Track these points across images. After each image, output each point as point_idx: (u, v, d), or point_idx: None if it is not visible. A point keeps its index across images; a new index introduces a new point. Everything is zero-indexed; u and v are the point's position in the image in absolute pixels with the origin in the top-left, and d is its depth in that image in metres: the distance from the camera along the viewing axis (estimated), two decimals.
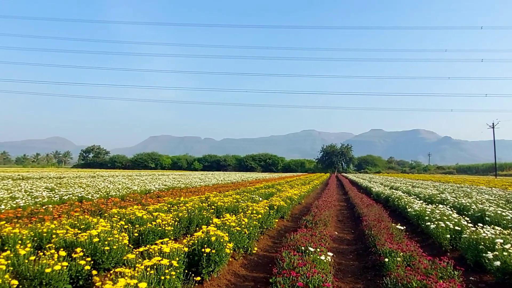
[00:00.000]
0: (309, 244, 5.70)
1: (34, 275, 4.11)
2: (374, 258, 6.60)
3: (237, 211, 10.34)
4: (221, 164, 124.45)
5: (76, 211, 9.33)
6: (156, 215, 7.63)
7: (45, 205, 10.49)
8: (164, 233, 6.82)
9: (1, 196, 11.52)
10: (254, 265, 6.46)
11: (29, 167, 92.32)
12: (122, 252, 5.34)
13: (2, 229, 5.85)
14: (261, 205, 10.18)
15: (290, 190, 18.71)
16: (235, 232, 6.33)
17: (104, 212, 9.60)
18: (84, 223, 6.75)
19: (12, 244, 5.49)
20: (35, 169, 70.74)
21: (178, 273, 4.23)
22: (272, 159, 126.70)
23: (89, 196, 13.13)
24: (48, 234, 6.01)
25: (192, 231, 8.46)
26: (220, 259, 5.16)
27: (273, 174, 77.31)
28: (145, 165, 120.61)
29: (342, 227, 11.26)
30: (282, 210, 11.62)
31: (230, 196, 13.34)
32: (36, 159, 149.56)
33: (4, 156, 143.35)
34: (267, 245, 8.15)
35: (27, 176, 30.22)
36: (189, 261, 5.05)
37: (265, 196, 15.43)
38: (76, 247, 4.99)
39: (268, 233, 9.38)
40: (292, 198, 14.52)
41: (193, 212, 8.79)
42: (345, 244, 8.73)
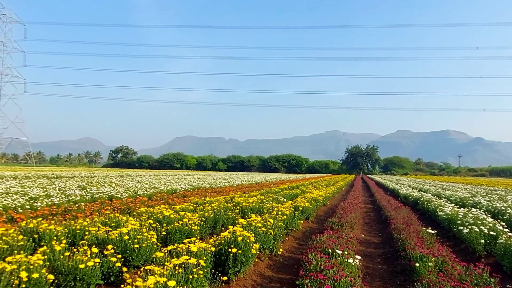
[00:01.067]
0: (336, 247, 5.61)
1: (69, 271, 4.27)
2: (404, 263, 6.41)
3: (262, 212, 10.34)
4: (245, 165, 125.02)
5: (106, 209, 9.66)
6: (182, 214, 7.76)
7: (77, 203, 10.92)
8: (191, 233, 6.92)
9: (38, 194, 12.10)
10: (280, 266, 6.43)
11: (62, 167, 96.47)
12: (151, 250, 5.46)
13: (39, 225, 6.14)
14: (286, 206, 10.13)
15: (314, 191, 18.52)
16: (260, 233, 6.33)
17: (133, 210, 9.87)
18: (115, 221, 6.97)
19: (48, 240, 5.75)
20: (68, 168, 73.85)
21: (205, 273, 4.27)
22: (296, 160, 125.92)
23: (118, 195, 13.54)
24: (81, 231, 6.25)
25: (218, 231, 8.54)
26: (246, 259, 5.17)
27: (297, 175, 76.84)
28: (171, 165, 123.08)
29: (368, 229, 11.02)
30: (307, 211, 11.52)
31: (254, 197, 13.36)
32: (69, 159, 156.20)
33: (40, 156, 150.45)
34: (292, 247, 8.10)
35: (61, 175, 31.59)
36: (216, 261, 5.10)
37: (289, 197, 15.35)
38: (107, 244, 5.15)
39: (293, 234, 9.32)
40: (317, 199, 14.36)
41: (219, 212, 8.87)
42: (373, 247, 8.53)
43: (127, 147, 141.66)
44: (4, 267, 3.80)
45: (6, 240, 5.20)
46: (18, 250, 5.11)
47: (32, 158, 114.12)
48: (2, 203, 9.38)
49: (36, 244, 5.72)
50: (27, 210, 9.07)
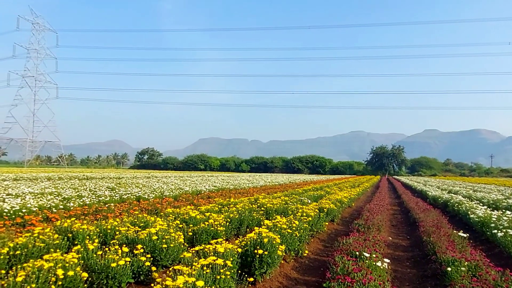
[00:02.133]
0: (363, 249, 5.52)
1: (102, 269, 4.43)
2: (434, 267, 6.22)
3: (287, 213, 10.33)
4: (268, 166, 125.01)
5: (135, 209, 9.94)
6: (208, 215, 7.87)
7: (107, 204, 11.30)
8: (217, 233, 7.01)
9: (70, 194, 12.62)
10: (305, 268, 6.39)
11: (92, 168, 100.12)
12: (178, 250, 5.57)
13: (72, 225, 6.40)
14: (310, 208, 10.06)
15: (339, 192, 18.28)
16: (286, 234, 6.32)
17: (160, 211, 10.11)
18: (143, 221, 7.16)
19: (81, 239, 5.99)
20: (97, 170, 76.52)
21: (232, 273, 4.32)
22: (320, 161, 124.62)
23: (145, 195, 13.89)
24: (111, 230, 6.47)
25: (243, 232, 8.60)
26: (272, 261, 5.18)
27: (321, 176, 76.03)
28: (195, 166, 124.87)
29: (396, 232, 10.76)
30: (332, 213, 11.39)
31: (278, 198, 13.35)
32: (98, 161, 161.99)
33: (71, 158, 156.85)
34: (317, 249, 8.03)
35: (91, 176, 32.76)
36: (242, 262, 5.14)
37: (313, 199, 15.24)
38: (137, 244, 5.31)
39: (318, 236, 9.24)
40: (342, 201, 14.17)
41: (243, 213, 8.93)
42: (401, 251, 8.32)
43: (153, 149, 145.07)
44: (42, 265, 4.00)
45: (42, 239, 5.47)
46: (54, 249, 5.36)
47: (64, 160, 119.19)
48: (38, 203, 9.84)
49: (70, 242, 5.97)
50: (61, 210, 9.47)
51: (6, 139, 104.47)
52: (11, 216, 8.34)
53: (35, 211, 9.02)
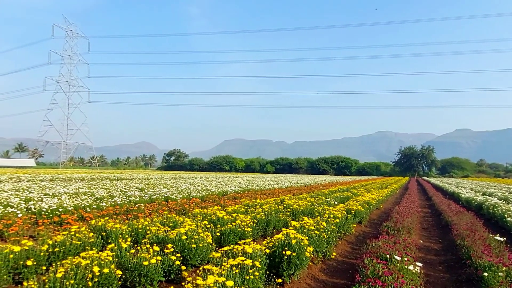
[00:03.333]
0: (394, 252, 5.39)
1: (134, 267, 4.59)
2: (469, 272, 5.98)
3: (313, 215, 10.25)
4: (293, 167, 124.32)
5: (163, 209, 10.19)
6: (235, 216, 7.95)
7: (137, 204, 11.65)
8: (244, 234, 7.06)
9: (102, 194, 13.11)
10: (333, 271, 6.32)
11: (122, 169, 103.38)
12: (207, 250, 5.67)
13: (106, 224, 6.66)
14: (337, 209, 9.95)
15: (366, 194, 17.93)
16: (313, 236, 6.28)
17: (188, 211, 10.31)
18: (172, 222, 7.34)
19: (114, 237, 6.22)
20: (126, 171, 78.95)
21: (260, 274, 4.34)
22: (345, 161, 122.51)
23: (173, 196, 14.20)
24: (142, 230, 6.67)
25: (269, 233, 8.62)
26: (300, 262, 5.16)
27: (347, 177, 74.73)
28: (220, 167, 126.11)
29: (427, 235, 10.42)
30: (359, 215, 11.20)
31: (304, 199, 13.27)
32: (127, 162, 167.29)
33: (102, 159, 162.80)
34: (345, 251, 7.92)
35: (121, 177, 33.85)
36: (270, 263, 5.15)
37: (340, 200, 15.04)
38: (167, 243, 5.45)
39: (346, 238, 9.10)
40: (369, 202, 13.89)
41: (270, 214, 8.94)
42: (433, 254, 8.05)
43: (179, 150, 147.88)
44: (79, 262, 4.20)
45: (79, 237, 5.72)
46: (90, 247, 5.60)
47: (96, 161, 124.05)
48: (73, 203, 10.30)
49: (104, 241, 6.21)
50: (94, 210, 9.87)
51: (43, 142, 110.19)
52: (49, 215, 8.78)
53: (71, 210, 9.45)
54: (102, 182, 23.08)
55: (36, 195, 11.94)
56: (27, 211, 9.16)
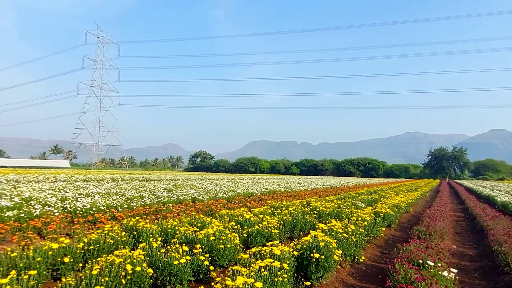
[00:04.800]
0: (426, 257, 5.21)
1: (165, 266, 4.69)
2: (507, 279, 5.71)
3: (341, 217, 10.11)
4: (318, 169, 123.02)
5: (191, 210, 10.37)
6: (261, 217, 7.96)
7: (165, 204, 11.91)
8: (271, 236, 7.06)
9: (132, 195, 13.51)
10: (362, 275, 6.20)
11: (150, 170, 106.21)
12: (235, 251, 5.71)
13: (137, 223, 6.86)
14: (365, 212, 9.75)
15: (395, 197, 17.47)
16: (342, 239, 6.19)
17: (215, 212, 10.44)
18: (200, 222, 7.45)
19: (145, 237, 6.40)
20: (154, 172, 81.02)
21: (289, 276, 4.32)
22: (372, 163, 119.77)
23: (200, 197, 14.42)
24: (171, 230, 6.82)
25: (296, 235, 8.57)
26: (329, 265, 5.10)
27: (374, 179, 73.05)
28: (246, 169, 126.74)
29: (461, 240, 10.01)
30: (388, 218, 10.92)
31: (331, 201, 13.11)
32: (155, 163, 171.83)
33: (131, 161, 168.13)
34: (374, 255, 7.74)
35: (149, 178, 34.75)
36: (298, 265, 5.12)
37: (368, 203, 14.73)
38: (195, 243, 5.54)
39: (374, 242, 8.90)
40: (399, 205, 13.51)
41: (296, 216, 8.89)
42: (467, 260, 7.73)
43: (205, 152, 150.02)
44: (113, 260, 4.35)
45: (112, 236, 5.93)
46: (122, 245, 5.79)
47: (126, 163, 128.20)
48: (106, 202, 10.68)
49: (135, 240, 6.40)
50: (125, 209, 10.19)
51: (77, 144, 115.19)
52: (84, 214, 9.16)
53: (103, 209, 9.81)
54: (132, 182, 23.80)
55: (71, 195, 12.48)
56: (63, 210, 9.59)
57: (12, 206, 9.26)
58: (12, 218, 8.04)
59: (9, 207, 9.12)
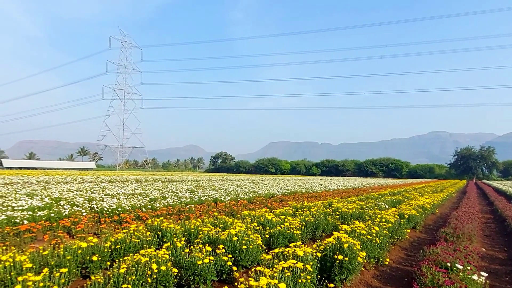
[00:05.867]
0: (454, 261, 5.06)
1: (189, 266, 4.77)
2: None
3: (364, 219, 9.95)
4: (339, 169, 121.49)
5: (213, 211, 10.48)
6: (283, 218, 7.95)
7: (188, 205, 12.08)
8: (293, 237, 7.04)
9: (156, 195, 13.78)
10: (387, 278, 6.07)
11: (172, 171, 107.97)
12: (257, 252, 5.73)
13: (161, 223, 7.00)
14: (389, 213, 9.56)
15: (420, 198, 17.03)
16: (366, 241, 6.09)
17: (236, 213, 10.50)
18: (222, 223, 7.52)
19: (169, 237, 6.52)
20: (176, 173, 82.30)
21: (312, 278, 4.30)
22: (395, 164, 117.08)
23: (221, 198, 14.53)
24: (194, 230, 6.92)
25: (318, 236, 8.50)
26: (353, 267, 5.03)
27: (397, 180, 71.36)
28: (266, 170, 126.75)
29: (490, 243, 9.64)
30: (413, 219, 10.66)
31: (353, 202, 12.93)
32: (177, 164, 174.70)
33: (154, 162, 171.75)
34: (399, 257, 7.57)
35: (172, 179, 35.33)
36: (321, 267, 5.09)
37: (391, 204, 14.42)
38: (218, 243, 5.60)
39: (399, 244, 8.70)
40: (424, 207, 13.16)
41: (318, 217, 8.82)
42: (497, 264, 7.43)
43: (226, 153, 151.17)
44: (139, 259, 4.46)
45: (137, 235, 6.08)
46: (147, 245, 5.93)
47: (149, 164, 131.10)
48: (130, 203, 10.95)
49: (160, 240, 6.54)
50: (149, 210, 10.41)
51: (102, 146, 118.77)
52: (110, 214, 9.43)
53: (128, 210, 10.06)
54: (155, 183, 24.27)
55: (97, 195, 12.87)
56: (91, 210, 9.91)
57: (43, 206, 9.66)
58: (43, 217, 8.37)
59: (40, 207, 9.52)
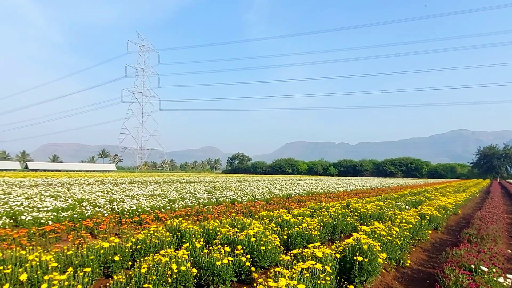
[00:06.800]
0: (479, 262, 4.91)
1: (208, 266, 4.81)
2: None
3: (383, 219, 9.78)
4: (357, 169, 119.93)
5: (231, 211, 10.53)
6: (301, 219, 7.91)
7: (206, 205, 12.19)
8: (311, 237, 7.00)
9: (174, 196, 13.97)
10: (409, 280, 5.95)
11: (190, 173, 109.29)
12: (275, 252, 5.72)
13: (180, 224, 7.09)
14: (410, 214, 9.37)
15: (441, 198, 16.62)
16: (386, 242, 5.99)
17: (254, 214, 10.51)
18: (240, 223, 7.54)
19: (188, 237, 6.59)
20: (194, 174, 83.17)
21: (331, 279, 4.26)
22: (415, 163, 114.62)
23: (239, 198, 14.60)
24: (213, 231, 6.97)
25: (337, 237, 8.42)
26: (373, 269, 4.96)
27: (417, 180, 69.82)
28: (283, 170, 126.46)
29: None
30: (435, 220, 10.41)
31: (372, 203, 12.74)
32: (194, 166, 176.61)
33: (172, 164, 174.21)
34: (420, 259, 7.41)
35: (190, 180, 35.73)
36: (340, 268, 5.04)
37: (412, 204, 14.13)
38: (236, 244, 5.62)
39: (420, 245, 8.52)
40: (446, 207, 12.83)
41: (337, 217, 8.73)
42: None
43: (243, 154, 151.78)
44: (160, 259, 4.53)
45: (157, 236, 6.18)
46: (167, 245, 6.02)
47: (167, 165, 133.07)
48: (150, 204, 11.15)
49: (179, 240, 6.62)
50: (168, 211, 10.57)
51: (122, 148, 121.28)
52: (130, 215, 9.63)
53: (148, 210, 10.24)
54: (173, 185, 24.60)
55: (118, 197, 13.16)
56: (112, 211, 10.15)
57: (66, 207, 9.96)
58: (67, 218, 8.63)
59: (64, 208, 9.82)
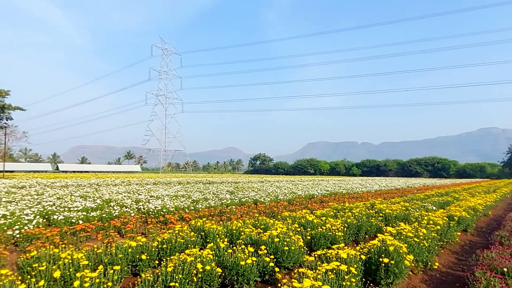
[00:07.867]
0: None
1: (232, 266, 4.87)
2: None
3: (409, 220, 9.56)
4: (381, 169, 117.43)
5: (254, 212, 10.58)
6: (324, 220, 7.85)
7: (228, 206, 12.30)
8: (335, 238, 6.94)
9: (198, 197, 14.18)
10: (437, 283, 5.79)
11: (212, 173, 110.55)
12: (299, 253, 5.72)
13: (204, 224, 7.21)
14: (437, 215, 9.11)
15: (470, 199, 16.03)
16: (412, 243, 5.85)
17: (276, 214, 10.52)
18: (263, 224, 7.58)
19: (212, 237, 6.69)
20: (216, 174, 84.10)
21: (357, 281, 4.22)
22: (442, 163, 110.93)
23: (261, 199, 14.64)
24: (236, 231, 7.04)
25: (361, 238, 8.30)
26: (400, 271, 4.86)
27: (444, 180, 67.57)
28: (305, 170, 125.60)
29: None
30: (464, 222, 10.07)
31: (397, 204, 12.46)
32: (217, 166, 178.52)
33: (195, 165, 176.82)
34: (449, 261, 7.19)
35: (212, 180, 36.14)
36: (365, 270, 4.97)
37: (439, 205, 13.72)
38: (260, 244, 5.66)
39: (449, 247, 8.26)
40: (475, 208, 12.38)
41: (361, 218, 8.60)
42: None
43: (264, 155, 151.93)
44: (185, 258, 4.63)
45: (182, 235, 6.31)
46: (192, 245, 6.13)
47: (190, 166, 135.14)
48: (174, 204, 11.37)
49: (203, 240, 6.73)
50: (192, 211, 10.74)
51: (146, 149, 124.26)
52: (155, 215, 9.86)
53: (172, 211, 10.45)
54: (196, 185, 24.96)
55: (143, 197, 13.50)
56: (138, 211, 10.42)
57: (95, 207, 10.32)
58: (96, 218, 8.95)
59: (93, 208, 10.18)
